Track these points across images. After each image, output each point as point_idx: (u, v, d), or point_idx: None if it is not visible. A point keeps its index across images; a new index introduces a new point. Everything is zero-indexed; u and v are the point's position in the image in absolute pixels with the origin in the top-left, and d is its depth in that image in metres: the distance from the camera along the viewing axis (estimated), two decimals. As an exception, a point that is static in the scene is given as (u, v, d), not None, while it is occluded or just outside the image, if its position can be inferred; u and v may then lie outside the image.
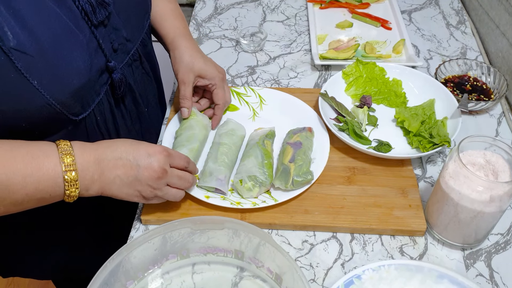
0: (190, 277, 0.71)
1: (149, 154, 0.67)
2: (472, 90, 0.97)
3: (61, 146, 0.63)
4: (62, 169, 0.62)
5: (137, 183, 0.67)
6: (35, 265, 0.93)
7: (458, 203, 0.67)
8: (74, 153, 0.63)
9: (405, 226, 0.75)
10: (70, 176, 0.62)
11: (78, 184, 0.64)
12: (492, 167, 0.68)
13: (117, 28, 0.73)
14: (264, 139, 0.83)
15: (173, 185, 0.71)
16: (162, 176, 0.68)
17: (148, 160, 0.67)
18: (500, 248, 0.74)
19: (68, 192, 0.63)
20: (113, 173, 0.66)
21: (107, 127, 0.77)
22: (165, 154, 0.68)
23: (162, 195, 0.70)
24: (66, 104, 0.65)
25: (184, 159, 0.72)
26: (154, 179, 0.67)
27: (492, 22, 1.09)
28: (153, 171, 0.67)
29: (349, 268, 0.72)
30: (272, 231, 0.76)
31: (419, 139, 0.85)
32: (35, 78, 0.60)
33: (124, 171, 0.66)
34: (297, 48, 1.10)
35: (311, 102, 0.93)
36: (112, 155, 0.66)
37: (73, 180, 0.63)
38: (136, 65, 0.81)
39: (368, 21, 1.16)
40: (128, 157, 0.66)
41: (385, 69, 0.97)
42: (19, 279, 1.67)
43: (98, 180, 0.65)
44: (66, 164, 0.62)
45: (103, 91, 0.73)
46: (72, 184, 0.63)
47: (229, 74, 1.03)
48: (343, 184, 0.80)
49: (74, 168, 0.63)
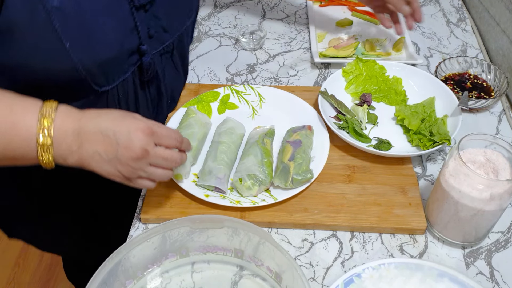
0: (189, 276, 0.71)
1: (129, 132, 0.61)
2: (472, 88, 0.97)
3: (44, 107, 0.60)
4: (37, 131, 0.59)
5: (117, 162, 0.62)
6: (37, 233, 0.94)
7: (458, 201, 0.67)
8: (54, 118, 0.59)
9: (405, 224, 0.75)
10: (44, 141, 0.59)
11: (52, 150, 0.60)
12: (493, 165, 0.67)
13: (157, 16, 0.74)
14: (264, 138, 0.83)
15: (158, 166, 0.65)
16: (143, 157, 0.62)
17: (128, 139, 0.61)
18: (500, 246, 0.74)
19: (40, 158, 0.60)
20: (92, 147, 0.61)
21: (128, 108, 0.78)
22: (148, 133, 0.62)
23: (147, 176, 0.65)
24: (91, 72, 0.67)
25: (174, 138, 0.66)
26: (134, 160, 0.62)
27: (492, 20, 1.09)
28: (133, 151, 0.61)
29: (349, 267, 0.71)
30: (272, 229, 0.76)
31: (419, 137, 0.84)
32: (68, 40, 0.62)
33: (103, 147, 0.61)
34: (297, 46, 1.10)
35: (311, 100, 0.93)
36: (94, 128, 0.61)
37: (46, 145, 0.59)
38: (166, 57, 0.83)
39: (368, 19, 1.16)
40: (108, 132, 0.61)
41: (385, 67, 0.96)
42: (19, 278, 1.67)
43: (77, 151, 0.61)
44: (42, 127, 0.59)
45: (130, 70, 0.75)
46: (45, 149, 0.59)
47: (229, 72, 1.03)
48: (343, 183, 0.80)
49: (50, 134, 0.59)
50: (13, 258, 1.72)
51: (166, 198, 0.78)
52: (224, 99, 0.94)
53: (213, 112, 0.92)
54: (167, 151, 0.65)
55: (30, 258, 1.72)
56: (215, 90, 0.94)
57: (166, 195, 0.78)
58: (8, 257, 1.72)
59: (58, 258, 1.72)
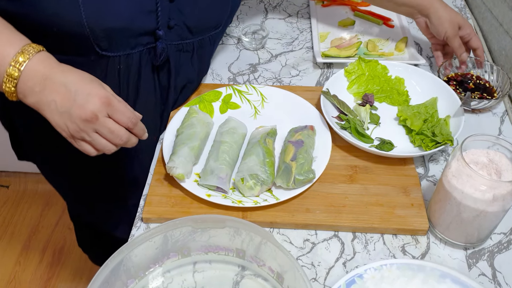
0: (191, 275, 0.71)
1: (89, 94, 0.65)
2: (475, 88, 0.96)
3: (28, 46, 0.65)
4: (10, 62, 0.63)
5: (67, 117, 0.65)
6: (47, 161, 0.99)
7: (460, 202, 0.67)
8: (31, 57, 0.64)
9: (407, 225, 0.74)
10: (11, 72, 0.63)
11: (15, 83, 0.64)
12: (495, 166, 0.67)
13: (181, 12, 0.78)
14: (266, 137, 0.83)
15: (102, 135, 0.67)
16: (91, 121, 0.65)
17: (84, 99, 0.64)
18: (502, 248, 0.74)
19: (3, 86, 0.65)
20: (52, 95, 0.65)
21: (128, 82, 0.81)
22: (104, 101, 0.65)
23: (90, 140, 0.67)
24: (95, 33, 0.71)
25: (127, 116, 0.67)
26: (82, 120, 0.65)
27: (495, 20, 1.09)
28: (84, 111, 0.64)
29: (351, 267, 0.71)
30: (274, 229, 0.76)
31: (421, 137, 0.84)
32: None
33: (61, 99, 0.65)
34: (299, 46, 1.10)
35: (313, 100, 0.93)
36: (60, 79, 0.65)
37: (11, 77, 0.64)
38: (186, 57, 0.86)
39: (370, 18, 1.16)
40: (71, 88, 0.65)
41: (388, 67, 0.96)
42: (20, 277, 1.67)
43: (37, 94, 0.65)
44: (15, 61, 0.63)
45: (138, 49, 0.78)
46: (9, 80, 0.64)
47: (231, 72, 1.03)
48: (345, 183, 0.80)
49: (20, 68, 0.64)
50: (14, 257, 1.72)
51: (168, 197, 0.78)
52: (226, 98, 0.94)
53: (215, 112, 0.92)
54: (115, 125, 0.67)
55: (31, 257, 1.73)
56: (217, 89, 0.94)
57: (168, 195, 0.78)
58: (9, 255, 1.72)
59: (59, 257, 1.72)
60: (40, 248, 1.75)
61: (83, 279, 1.67)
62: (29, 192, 1.91)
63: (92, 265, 1.67)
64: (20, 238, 1.78)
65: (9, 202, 1.88)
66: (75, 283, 1.67)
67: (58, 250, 1.74)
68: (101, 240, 1.32)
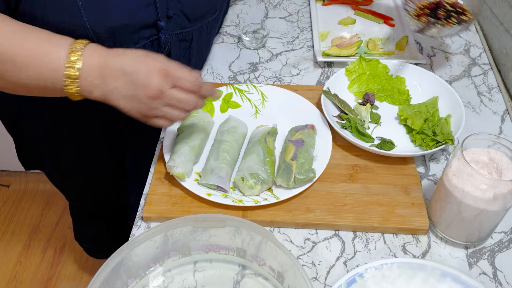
0: (191, 275, 0.71)
1: (148, 71, 0.65)
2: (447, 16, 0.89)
3: (74, 44, 0.65)
4: (65, 64, 0.64)
5: (135, 100, 0.67)
6: (55, 165, 0.99)
7: (461, 201, 0.67)
8: (82, 54, 0.65)
9: (407, 224, 0.74)
10: (70, 73, 0.64)
11: (78, 83, 0.65)
12: (496, 165, 0.67)
13: (178, 0, 0.77)
14: (266, 137, 0.83)
15: (172, 106, 0.69)
16: (158, 97, 0.66)
17: (145, 78, 0.65)
18: (503, 247, 0.74)
19: (66, 89, 0.65)
20: (113, 83, 0.66)
21: None
22: (163, 74, 0.66)
23: (163, 115, 0.69)
24: (99, 34, 0.70)
25: (190, 81, 0.68)
26: (150, 99, 0.66)
27: (496, 19, 1.08)
28: (149, 90, 0.65)
29: (352, 266, 0.71)
30: (274, 229, 0.76)
31: (422, 136, 0.84)
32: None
33: (122, 84, 0.66)
34: (300, 45, 1.10)
35: (314, 100, 0.93)
36: (116, 65, 0.66)
37: (72, 77, 0.64)
38: (184, 46, 0.86)
39: (371, 17, 1.15)
40: (129, 70, 0.65)
41: (388, 66, 0.96)
42: (21, 276, 1.67)
43: (99, 86, 0.66)
44: (71, 61, 0.64)
45: (142, 43, 0.77)
46: (71, 81, 0.64)
47: (231, 71, 1.03)
48: (345, 182, 0.80)
49: (77, 67, 0.64)
50: (15, 256, 1.72)
51: (168, 196, 0.78)
52: (227, 97, 0.93)
53: (215, 111, 0.92)
54: (181, 94, 0.68)
55: (31, 256, 1.73)
56: (218, 88, 0.94)
57: (168, 194, 0.78)
58: (9, 255, 1.73)
59: (60, 256, 1.72)
60: (41, 247, 1.75)
61: (84, 278, 1.67)
62: (29, 192, 1.91)
63: (93, 265, 1.67)
64: (21, 237, 1.78)
65: (9, 202, 1.89)
66: (76, 282, 1.67)
67: (59, 250, 1.74)
68: (98, 232, 1.33)
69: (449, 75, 1.02)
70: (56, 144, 0.95)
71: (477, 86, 1.00)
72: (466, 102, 0.96)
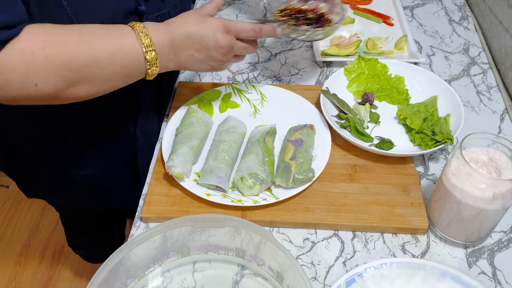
0: (190, 275, 0.70)
1: (214, 33, 0.73)
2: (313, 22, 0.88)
3: (136, 28, 0.69)
4: (143, 50, 0.68)
5: (208, 59, 0.76)
6: (50, 186, 0.99)
7: (460, 200, 0.67)
8: (150, 35, 0.69)
9: (407, 224, 0.74)
10: (151, 56, 0.69)
11: (158, 62, 0.71)
12: (495, 164, 0.67)
13: None
14: (265, 136, 0.83)
15: (240, 55, 0.81)
16: (229, 52, 0.76)
17: (214, 40, 0.73)
18: (503, 246, 0.74)
19: (150, 71, 0.71)
20: (186, 52, 0.73)
21: None
22: (226, 30, 0.74)
23: (233, 61, 0.81)
24: None
25: (250, 29, 0.76)
26: (223, 55, 0.76)
27: (495, 18, 1.08)
28: (221, 49, 0.74)
29: (351, 266, 0.71)
30: (273, 229, 0.76)
31: (421, 136, 0.84)
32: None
33: (195, 50, 0.74)
34: (299, 45, 1.10)
35: (313, 99, 0.92)
36: (183, 35, 0.72)
37: (153, 59, 0.70)
38: None
39: (370, 17, 1.15)
40: (197, 37, 0.72)
41: (387, 65, 0.96)
42: (20, 277, 1.67)
43: (174, 58, 0.73)
44: (145, 45, 0.68)
45: None
46: (153, 63, 0.70)
47: (230, 71, 1.03)
48: (344, 182, 0.80)
49: (153, 49, 0.69)
50: (14, 257, 1.72)
51: (167, 196, 0.78)
52: (226, 97, 0.93)
53: (214, 111, 0.92)
54: (245, 43, 0.78)
55: (31, 257, 1.73)
56: (217, 88, 0.94)
57: (167, 194, 0.78)
58: (9, 255, 1.73)
59: (59, 257, 1.72)
60: (40, 248, 1.75)
61: (83, 279, 1.67)
62: (29, 192, 1.91)
63: (93, 265, 1.67)
64: (20, 238, 1.78)
65: (9, 202, 1.89)
66: (75, 283, 1.67)
67: (58, 250, 1.74)
68: (92, 241, 1.33)
69: (448, 75, 1.02)
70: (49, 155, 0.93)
71: (476, 86, 1.00)
72: (465, 102, 0.96)
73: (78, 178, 0.95)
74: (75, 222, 1.30)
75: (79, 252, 1.44)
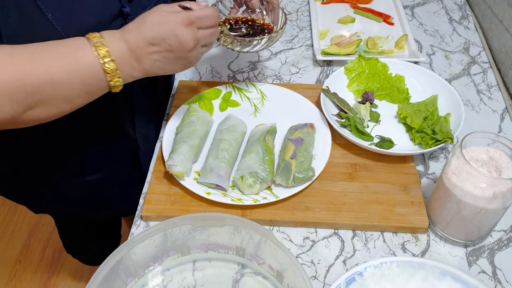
0: (191, 274, 0.70)
1: (174, 32, 0.68)
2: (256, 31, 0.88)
3: (91, 39, 0.64)
4: (100, 61, 0.63)
5: (176, 60, 0.70)
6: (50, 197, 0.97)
7: (460, 199, 0.67)
8: (106, 44, 0.64)
9: (407, 223, 0.74)
10: (110, 67, 0.64)
11: (120, 73, 0.66)
12: (495, 164, 0.67)
13: None
14: (265, 135, 0.83)
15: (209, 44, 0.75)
16: (195, 45, 0.70)
17: (177, 39, 0.68)
18: (503, 245, 0.74)
19: (112, 83, 0.66)
20: (150, 58, 0.68)
21: None
22: (188, 24, 0.69)
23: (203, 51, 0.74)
24: None
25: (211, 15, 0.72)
26: (190, 51, 0.70)
27: (495, 17, 1.08)
28: (186, 46, 0.69)
29: (351, 265, 0.71)
30: (273, 227, 0.76)
31: (421, 135, 0.84)
32: (49, 11, 0.64)
33: (159, 54, 0.68)
34: (299, 44, 1.10)
35: (313, 98, 0.92)
36: (142, 42, 0.66)
37: (113, 70, 0.65)
38: None
39: (370, 16, 1.15)
40: (157, 41, 0.67)
41: (388, 64, 0.96)
42: (20, 276, 1.67)
43: (138, 66, 0.68)
44: (102, 56, 0.63)
45: None
46: (113, 74, 0.65)
47: (230, 69, 1.03)
48: (344, 181, 0.80)
49: (112, 59, 0.64)
50: (15, 256, 1.72)
51: (167, 195, 0.78)
52: (226, 96, 0.93)
53: (214, 110, 0.92)
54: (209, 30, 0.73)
55: (31, 256, 1.73)
56: (217, 87, 0.94)
57: (168, 193, 0.78)
58: (9, 254, 1.73)
59: (59, 256, 1.72)
60: (40, 247, 1.75)
61: (84, 277, 1.67)
62: (29, 191, 1.91)
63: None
64: (20, 236, 1.78)
65: (9, 201, 1.87)
66: (75, 282, 1.67)
67: (58, 249, 1.74)
68: (91, 241, 1.33)
69: (449, 74, 1.02)
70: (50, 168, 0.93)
71: (476, 85, 1.00)
72: (466, 101, 0.96)
73: (81, 187, 0.95)
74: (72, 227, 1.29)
75: (78, 256, 1.44)
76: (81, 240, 1.34)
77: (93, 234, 1.31)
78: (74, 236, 1.33)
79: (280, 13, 0.87)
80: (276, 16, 0.88)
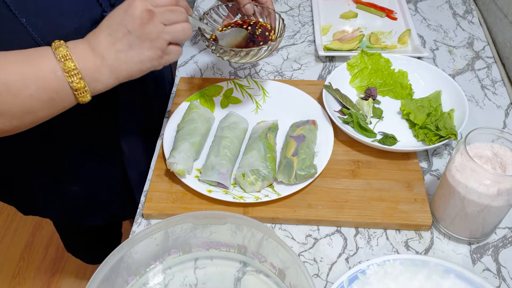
0: (192, 272, 0.70)
1: (125, 9, 0.61)
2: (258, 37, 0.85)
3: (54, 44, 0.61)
4: (57, 59, 0.59)
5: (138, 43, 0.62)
6: (48, 201, 0.96)
7: (465, 196, 0.66)
8: (67, 45, 0.61)
9: (410, 220, 0.74)
10: (68, 65, 0.59)
11: (80, 74, 0.60)
12: (500, 160, 0.66)
13: None
14: (267, 132, 0.82)
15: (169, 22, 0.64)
16: (150, 17, 0.62)
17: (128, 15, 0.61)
18: (507, 243, 0.73)
19: (73, 85, 0.60)
20: (112, 50, 0.62)
21: None
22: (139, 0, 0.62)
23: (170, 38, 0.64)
24: None
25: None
26: (145, 25, 0.61)
27: (500, 12, 1.07)
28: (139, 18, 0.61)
29: (354, 263, 0.71)
30: (275, 225, 0.76)
31: (425, 131, 0.83)
32: (23, 16, 0.61)
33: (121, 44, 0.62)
34: (301, 39, 1.09)
35: (315, 94, 0.92)
36: (101, 36, 0.62)
37: (72, 69, 0.60)
38: None
39: (373, 11, 1.14)
40: (113, 26, 0.62)
41: (391, 60, 0.95)
42: (24, 273, 1.68)
43: (103, 65, 0.62)
44: (60, 56, 0.60)
45: None
46: (73, 74, 0.60)
47: (232, 66, 1.02)
48: (347, 178, 0.79)
49: (70, 57, 0.60)
50: (18, 253, 1.73)
51: (168, 193, 0.78)
52: (227, 93, 0.93)
53: (216, 107, 0.91)
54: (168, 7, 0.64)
55: (35, 253, 1.73)
56: (218, 84, 0.94)
57: (169, 191, 0.78)
58: (13, 251, 1.73)
59: (63, 253, 1.72)
60: (43, 244, 1.76)
61: (87, 274, 1.68)
62: (32, 188, 1.91)
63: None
64: (24, 234, 1.78)
65: (12, 198, 1.89)
66: (78, 279, 1.67)
67: (61, 246, 1.74)
68: (91, 240, 1.33)
69: (452, 69, 1.01)
70: None
71: (480, 80, 0.99)
72: (470, 96, 0.95)
73: (70, 194, 0.94)
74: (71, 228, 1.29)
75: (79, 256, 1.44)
76: (81, 240, 1.34)
77: (93, 234, 1.31)
78: (74, 236, 1.33)
79: (277, 19, 0.84)
80: (273, 23, 0.85)
